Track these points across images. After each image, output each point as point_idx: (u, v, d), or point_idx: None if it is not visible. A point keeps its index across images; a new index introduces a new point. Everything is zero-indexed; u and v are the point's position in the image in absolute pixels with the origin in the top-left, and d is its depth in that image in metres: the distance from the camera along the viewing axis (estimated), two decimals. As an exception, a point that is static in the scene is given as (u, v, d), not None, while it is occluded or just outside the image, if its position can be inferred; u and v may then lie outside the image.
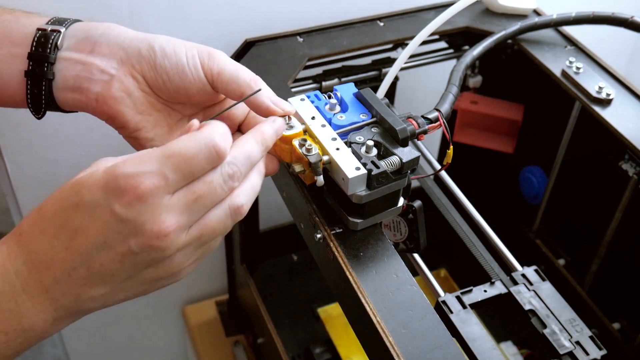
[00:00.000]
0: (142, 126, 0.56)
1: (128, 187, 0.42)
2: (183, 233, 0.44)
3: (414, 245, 0.64)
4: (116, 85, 0.54)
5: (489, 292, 0.62)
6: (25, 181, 0.91)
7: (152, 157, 0.43)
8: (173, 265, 0.45)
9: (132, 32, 0.56)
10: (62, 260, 0.44)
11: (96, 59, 0.54)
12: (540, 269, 0.64)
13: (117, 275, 0.44)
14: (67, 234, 0.43)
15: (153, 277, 0.46)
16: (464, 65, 0.71)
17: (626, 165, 0.78)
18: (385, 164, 0.53)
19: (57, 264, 0.44)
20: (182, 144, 0.44)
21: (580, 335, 0.59)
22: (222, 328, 1.07)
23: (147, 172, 0.42)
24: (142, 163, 0.43)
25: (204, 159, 0.44)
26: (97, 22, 0.56)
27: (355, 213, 0.55)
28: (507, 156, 0.94)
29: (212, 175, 0.45)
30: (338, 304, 0.78)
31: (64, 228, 0.44)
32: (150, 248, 0.43)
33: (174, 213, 0.43)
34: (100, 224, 0.43)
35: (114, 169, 0.42)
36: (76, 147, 0.91)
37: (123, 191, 0.42)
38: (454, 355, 0.49)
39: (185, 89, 0.54)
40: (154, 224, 0.43)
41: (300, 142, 0.53)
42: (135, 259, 0.44)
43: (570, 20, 0.78)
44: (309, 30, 0.81)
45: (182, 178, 0.43)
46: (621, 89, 0.76)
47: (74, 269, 0.44)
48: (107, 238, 0.43)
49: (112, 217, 0.42)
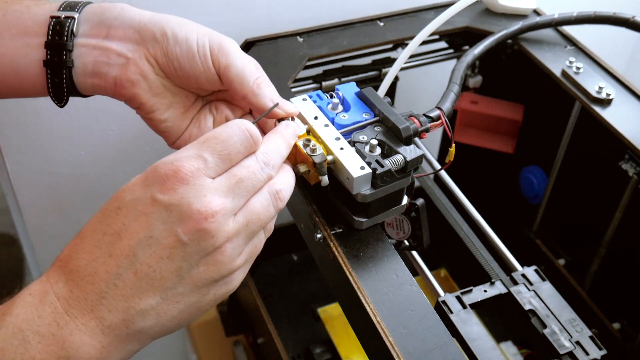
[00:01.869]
0: (157, 108, 0.56)
1: (169, 172, 0.41)
2: (230, 219, 0.43)
3: (417, 243, 0.64)
4: (132, 69, 0.54)
5: (489, 292, 0.62)
6: (25, 181, 0.91)
7: (188, 147, 0.43)
8: (225, 260, 0.43)
9: (146, 14, 0.55)
10: (106, 269, 0.41)
11: (112, 43, 0.54)
12: (540, 269, 0.64)
13: (167, 278, 0.42)
14: (110, 240, 0.42)
15: (205, 278, 0.43)
16: (465, 64, 0.71)
17: (626, 165, 0.78)
18: (390, 162, 0.53)
19: (101, 275, 0.41)
20: (216, 129, 0.44)
21: (580, 335, 0.59)
22: (222, 328, 1.07)
23: (185, 156, 0.42)
24: (181, 152, 0.43)
25: (239, 142, 0.44)
26: (108, 4, 0.56)
27: (360, 212, 0.55)
28: (507, 156, 0.94)
29: (249, 160, 0.45)
30: (338, 304, 0.78)
31: (106, 235, 0.42)
32: (200, 233, 0.41)
33: (218, 195, 0.42)
34: (144, 219, 0.41)
35: (153, 165, 0.42)
36: (76, 147, 0.91)
37: (164, 178, 0.41)
38: (454, 355, 0.49)
39: (195, 76, 0.55)
40: (200, 204, 0.41)
41: (304, 143, 0.53)
42: (184, 250, 0.41)
43: (572, 20, 0.78)
44: (309, 30, 0.81)
45: (221, 161, 0.43)
46: (621, 89, 0.76)
47: (119, 277, 0.41)
48: (152, 232, 0.41)
49: (155, 207, 0.41)
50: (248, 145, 0.45)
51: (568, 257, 0.92)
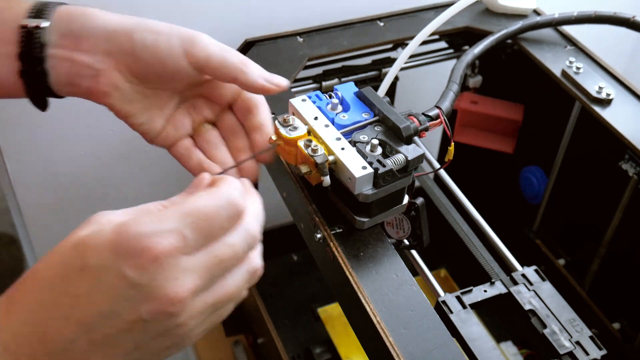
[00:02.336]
0: (132, 113, 0.55)
1: (142, 248, 0.38)
2: (198, 298, 0.41)
3: (417, 242, 0.64)
4: (103, 80, 0.53)
5: (489, 292, 0.62)
6: (25, 181, 0.91)
7: (169, 216, 0.39)
8: (182, 333, 0.41)
9: (114, 20, 0.54)
10: (60, 332, 0.39)
11: (82, 54, 0.53)
12: (540, 269, 0.64)
13: (122, 347, 0.40)
14: (69, 302, 0.39)
15: (160, 347, 0.41)
16: (464, 64, 0.71)
17: (626, 165, 0.78)
18: (391, 162, 0.53)
19: (54, 336, 0.39)
20: (202, 201, 0.40)
21: (580, 335, 0.59)
22: (222, 328, 1.07)
23: (164, 230, 0.39)
24: (159, 222, 0.39)
25: (225, 217, 0.41)
26: (77, 8, 0.54)
27: (362, 212, 0.55)
28: (507, 156, 0.94)
29: (234, 237, 0.42)
30: (338, 304, 0.78)
31: (65, 295, 0.39)
32: (163, 315, 0.39)
33: (191, 276, 0.39)
34: (107, 291, 0.38)
35: (125, 229, 0.38)
36: (76, 147, 0.91)
37: (137, 253, 0.38)
38: (454, 355, 0.49)
39: (169, 78, 0.54)
40: (170, 289, 0.39)
41: (305, 143, 0.52)
42: (145, 327, 0.40)
43: (572, 20, 0.78)
44: (309, 30, 0.81)
45: (202, 238, 0.40)
46: (621, 89, 0.76)
47: (72, 342, 0.39)
48: (114, 306, 0.39)
49: (122, 282, 0.38)
50: (233, 221, 0.42)
51: (568, 257, 0.92)
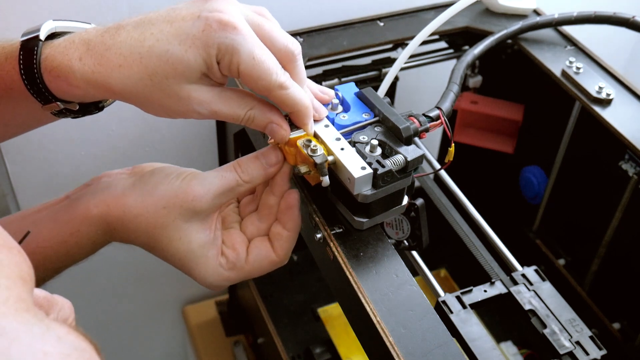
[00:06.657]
0: None
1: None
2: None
3: (417, 243, 0.64)
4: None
5: (489, 292, 0.62)
6: (25, 181, 0.91)
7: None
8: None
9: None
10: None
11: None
12: (540, 269, 0.64)
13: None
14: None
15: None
16: (465, 64, 0.71)
17: (626, 165, 0.78)
18: (391, 162, 0.53)
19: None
20: None
21: (580, 335, 0.59)
22: (222, 328, 1.07)
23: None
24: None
25: None
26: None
27: (361, 212, 0.55)
28: (507, 156, 0.94)
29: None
30: (338, 304, 0.78)
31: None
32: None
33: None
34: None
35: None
36: (76, 147, 0.91)
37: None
38: (454, 355, 0.49)
39: None
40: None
41: (305, 143, 0.52)
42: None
43: (572, 20, 0.78)
44: (309, 30, 0.81)
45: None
46: (621, 89, 0.76)
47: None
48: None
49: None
50: None
51: (568, 257, 0.92)
